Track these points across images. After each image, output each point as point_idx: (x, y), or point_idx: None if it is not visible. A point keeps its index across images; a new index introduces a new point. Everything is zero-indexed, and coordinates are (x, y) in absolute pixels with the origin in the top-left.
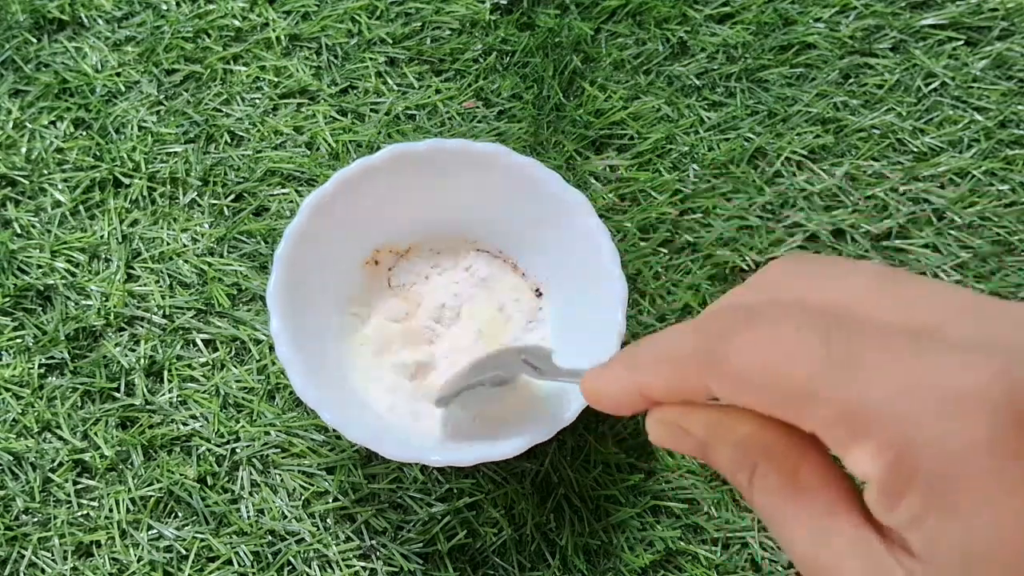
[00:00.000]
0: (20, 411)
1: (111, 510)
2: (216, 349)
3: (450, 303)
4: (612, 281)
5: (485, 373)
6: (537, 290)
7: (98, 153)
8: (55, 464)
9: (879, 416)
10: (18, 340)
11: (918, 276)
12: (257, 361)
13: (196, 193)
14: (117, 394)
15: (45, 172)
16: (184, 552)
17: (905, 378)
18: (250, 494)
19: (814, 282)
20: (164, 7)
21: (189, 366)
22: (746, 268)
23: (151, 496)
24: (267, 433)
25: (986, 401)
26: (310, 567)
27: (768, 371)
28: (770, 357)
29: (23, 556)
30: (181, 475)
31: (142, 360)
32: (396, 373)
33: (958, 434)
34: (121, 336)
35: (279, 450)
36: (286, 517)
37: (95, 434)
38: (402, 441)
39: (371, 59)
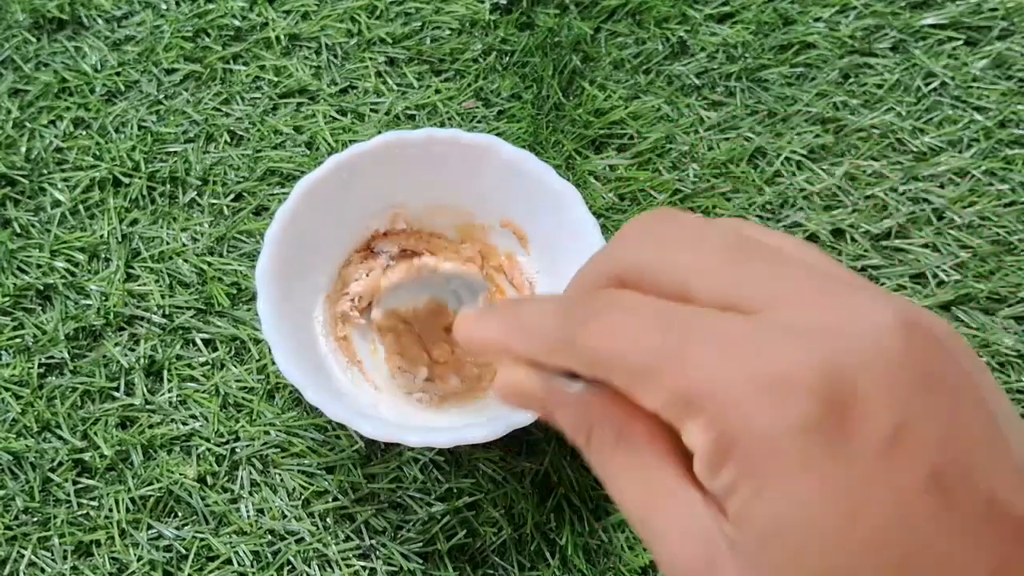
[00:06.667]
0: (20, 411)
1: (111, 510)
2: (216, 349)
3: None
4: None
5: (421, 289)
6: (528, 280)
7: (98, 153)
8: (55, 464)
9: (706, 397)
10: (18, 340)
11: (770, 247)
12: (257, 361)
13: (196, 192)
14: (117, 394)
15: (45, 172)
16: (184, 552)
17: (729, 362)
18: (250, 494)
19: (666, 252)
20: (164, 6)
21: (189, 366)
22: None
23: (151, 496)
24: (267, 433)
25: (798, 385)
26: (310, 567)
27: (615, 358)
28: (617, 345)
29: (23, 556)
30: (181, 475)
31: (142, 360)
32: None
33: (769, 416)
34: (121, 336)
35: (279, 450)
36: (286, 517)
37: (95, 434)
38: (382, 422)
39: (371, 59)
